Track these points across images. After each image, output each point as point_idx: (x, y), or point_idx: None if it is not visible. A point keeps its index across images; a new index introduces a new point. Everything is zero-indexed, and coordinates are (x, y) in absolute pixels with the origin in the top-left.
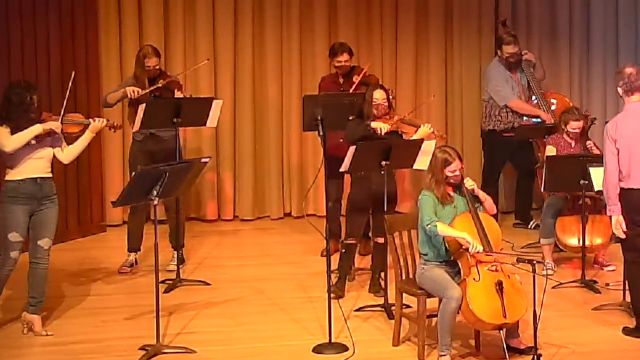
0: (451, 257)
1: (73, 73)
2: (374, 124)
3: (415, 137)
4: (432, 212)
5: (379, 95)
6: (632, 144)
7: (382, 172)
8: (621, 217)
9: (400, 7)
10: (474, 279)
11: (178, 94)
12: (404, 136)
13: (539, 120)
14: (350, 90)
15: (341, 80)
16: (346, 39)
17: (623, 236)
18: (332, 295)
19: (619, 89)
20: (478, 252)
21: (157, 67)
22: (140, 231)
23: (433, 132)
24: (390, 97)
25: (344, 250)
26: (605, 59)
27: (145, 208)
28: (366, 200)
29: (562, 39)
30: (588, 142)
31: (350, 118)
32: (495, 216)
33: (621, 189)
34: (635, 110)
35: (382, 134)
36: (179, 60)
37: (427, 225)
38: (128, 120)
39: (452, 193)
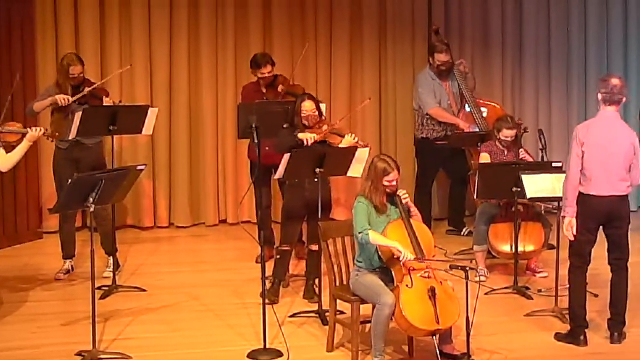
0: (384, 264)
1: (18, 75)
2: (301, 135)
3: (341, 146)
4: (365, 220)
5: (308, 105)
6: (600, 151)
7: (316, 180)
8: (574, 220)
9: (335, 15)
10: (407, 285)
11: (107, 101)
12: (332, 146)
13: (471, 127)
14: (280, 99)
15: (264, 89)
16: (281, 47)
17: (572, 238)
18: (266, 301)
19: (599, 94)
20: (409, 261)
21: (81, 74)
22: (73, 238)
23: (357, 141)
24: (323, 106)
25: (278, 257)
26: (538, 68)
27: (75, 215)
28: (300, 207)
29: (495, 47)
30: (521, 150)
31: (285, 126)
32: (428, 223)
33: (580, 193)
34: (608, 118)
35: (309, 144)
36: (115, 67)
37: (359, 233)
38: (50, 127)
39: (385, 202)
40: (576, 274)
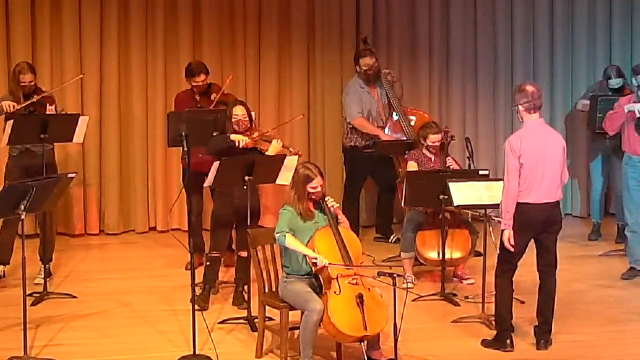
0: (312, 270)
1: None
2: (233, 137)
3: (268, 152)
4: (284, 225)
5: (239, 111)
6: (535, 159)
7: (245, 187)
8: (512, 232)
9: (263, 24)
10: (335, 292)
11: (50, 109)
12: (263, 152)
13: (399, 135)
14: (212, 107)
15: (198, 97)
16: (210, 56)
17: (512, 250)
18: (196, 307)
19: (519, 106)
20: (327, 265)
21: (32, 82)
22: (11, 244)
23: (283, 147)
24: (253, 114)
25: (208, 264)
26: (465, 76)
27: (17, 222)
28: (229, 214)
29: (422, 56)
30: (448, 158)
31: (214, 134)
32: (356, 230)
33: (517, 203)
34: (535, 127)
35: (241, 146)
36: (46, 77)
37: (276, 233)
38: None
39: (313, 209)
40: (503, 278)
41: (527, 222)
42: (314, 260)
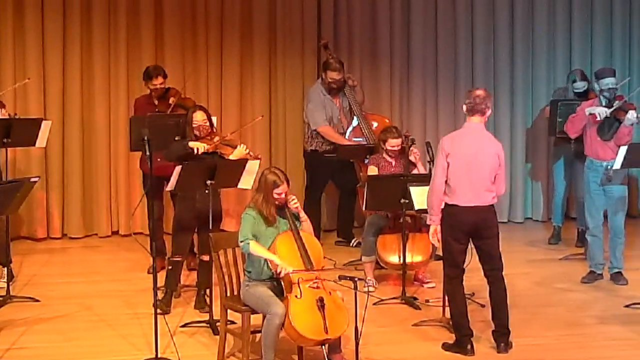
0: (274, 274)
1: None
2: (192, 144)
3: (231, 157)
4: (248, 231)
5: (199, 117)
6: (466, 162)
7: (207, 191)
8: (439, 227)
9: (225, 28)
10: (296, 296)
11: (3, 114)
12: (224, 157)
13: (360, 140)
14: (168, 112)
15: (156, 102)
16: (172, 60)
17: (437, 245)
18: (158, 311)
19: (464, 106)
20: (291, 273)
21: None
22: None
23: (248, 152)
24: (214, 118)
25: (170, 267)
26: (425, 81)
27: None
28: (191, 218)
29: (383, 61)
30: (412, 147)
31: (177, 139)
32: (317, 234)
33: (446, 204)
34: (473, 129)
35: (200, 153)
36: (9, 81)
37: (240, 242)
38: None
39: (275, 214)
40: (453, 285)
41: (457, 224)
42: (276, 267)
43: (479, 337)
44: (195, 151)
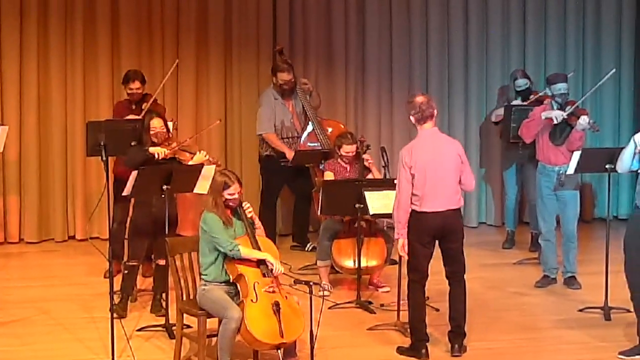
0: (230, 279)
1: None
2: (152, 149)
3: (192, 163)
4: (227, 235)
5: (156, 123)
6: (428, 169)
7: (163, 196)
8: (406, 241)
9: (181, 34)
10: (252, 300)
11: None
12: (182, 162)
13: (316, 144)
14: (140, 117)
15: (133, 106)
16: (128, 66)
17: (407, 258)
18: (115, 315)
19: (411, 117)
20: (242, 275)
21: None
22: None
23: (208, 159)
24: (171, 124)
25: (126, 272)
26: (380, 86)
27: None
28: (148, 223)
29: (338, 66)
30: (365, 155)
31: (133, 144)
32: (272, 239)
33: (413, 211)
34: (428, 136)
35: (160, 158)
36: None
37: (230, 250)
38: None
39: (231, 216)
40: (415, 289)
41: (425, 229)
42: (271, 267)
43: (432, 341)
44: (156, 156)
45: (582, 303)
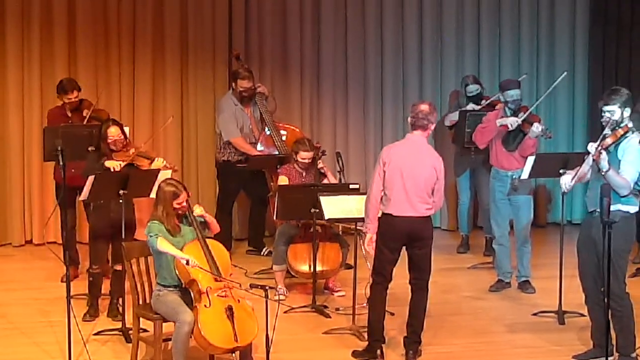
0: (183, 284)
1: None
2: (107, 164)
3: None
4: (157, 230)
5: (114, 131)
6: (401, 173)
7: (120, 201)
8: (374, 236)
9: (138, 40)
10: (205, 305)
11: None
12: (140, 168)
13: (271, 150)
14: (85, 123)
15: (69, 113)
16: (85, 73)
17: (372, 253)
18: (87, 317)
19: (408, 119)
20: (195, 280)
21: None
22: None
23: (165, 164)
24: (127, 129)
25: (91, 279)
26: (335, 92)
27: None
28: (105, 227)
29: (294, 72)
30: (319, 163)
31: (90, 149)
32: (229, 243)
33: (384, 214)
34: (413, 141)
35: (116, 172)
36: None
37: (149, 236)
38: None
39: (179, 223)
40: (376, 290)
41: (391, 233)
42: (184, 261)
43: (388, 344)
44: (112, 170)
45: (536, 307)
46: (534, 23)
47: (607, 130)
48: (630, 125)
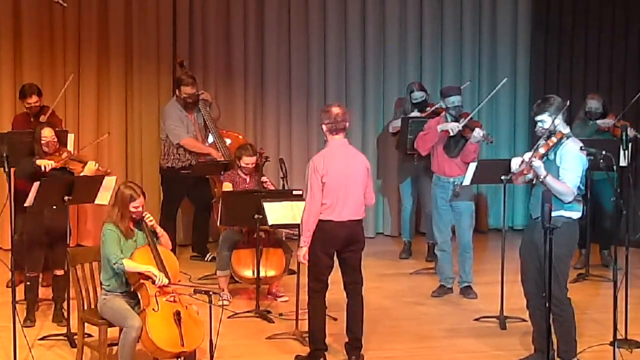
0: (131, 288)
1: None
2: (39, 162)
3: (83, 173)
4: (117, 249)
5: (47, 133)
6: (339, 179)
7: (54, 207)
8: (308, 249)
9: (83, 47)
10: (153, 309)
11: None
12: (74, 172)
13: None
14: None
15: (32, 119)
16: (30, 78)
17: (305, 263)
18: (27, 323)
19: (323, 126)
20: (164, 285)
21: None
22: None
23: (98, 168)
24: (72, 136)
25: (28, 283)
26: (279, 99)
27: None
28: (40, 234)
29: (238, 79)
30: (263, 177)
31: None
32: (173, 249)
33: (320, 221)
34: (338, 147)
35: (47, 170)
36: None
37: (114, 264)
38: None
39: (132, 228)
40: (315, 298)
41: (330, 239)
42: (155, 279)
43: (330, 350)
44: (43, 168)
45: (478, 312)
46: (476, 30)
47: (540, 140)
48: (565, 131)
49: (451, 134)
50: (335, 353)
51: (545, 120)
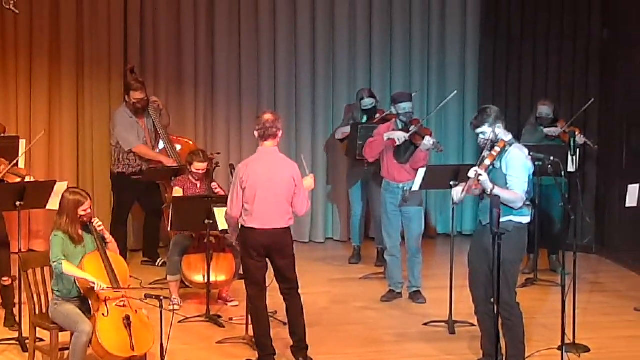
0: (82, 293)
1: None
2: None
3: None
4: (59, 252)
5: None
6: (259, 187)
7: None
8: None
9: (34, 52)
10: (103, 314)
11: None
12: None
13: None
14: None
15: None
16: None
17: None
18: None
19: (255, 132)
20: (104, 290)
21: None
22: None
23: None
24: (23, 142)
25: None
26: (229, 105)
27: None
28: None
29: (188, 85)
30: (213, 183)
31: None
32: (124, 254)
33: (242, 227)
34: (266, 154)
35: None
36: None
37: (53, 262)
38: None
39: (81, 232)
40: (255, 303)
41: (253, 245)
42: (92, 285)
43: (282, 355)
44: None
45: (427, 317)
46: (425, 37)
47: (484, 152)
48: (507, 138)
49: (397, 143)
50: (288, 357)
51: (485, 132)
